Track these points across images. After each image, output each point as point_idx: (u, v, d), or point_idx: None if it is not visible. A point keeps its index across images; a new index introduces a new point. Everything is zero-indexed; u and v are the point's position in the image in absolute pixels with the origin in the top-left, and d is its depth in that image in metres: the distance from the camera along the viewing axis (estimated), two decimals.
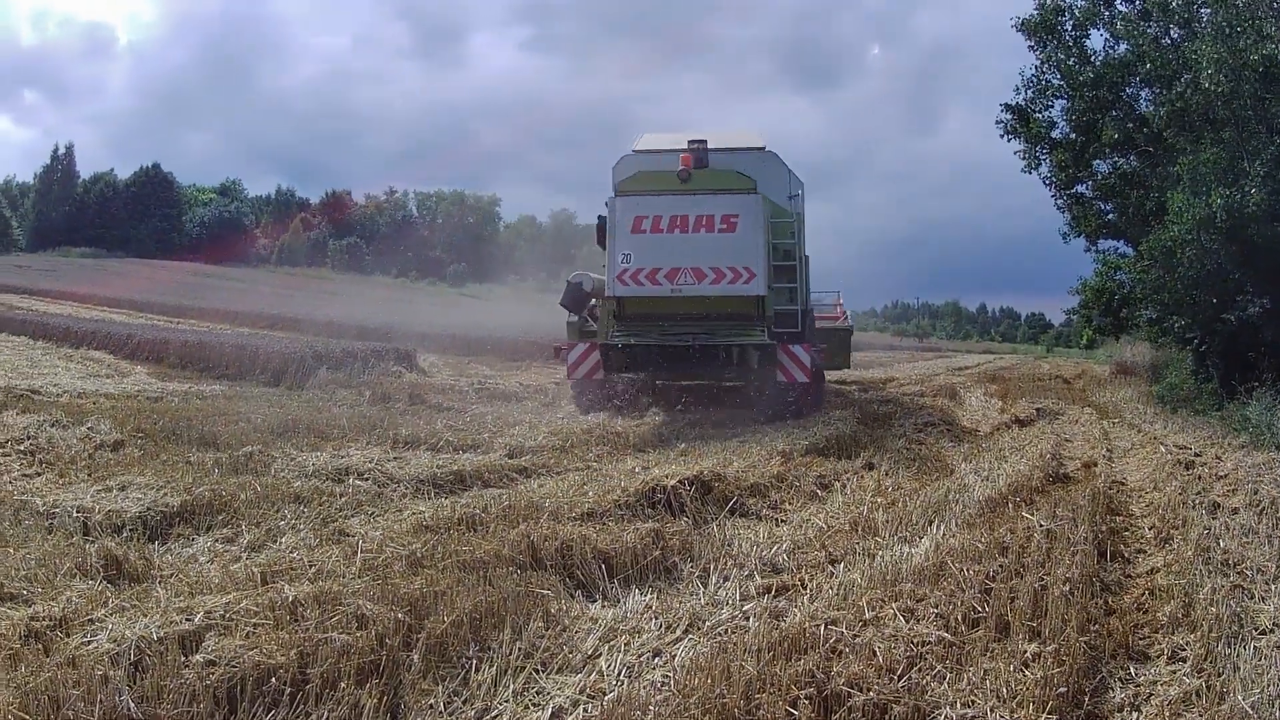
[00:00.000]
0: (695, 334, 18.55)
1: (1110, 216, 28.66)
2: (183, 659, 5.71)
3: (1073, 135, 27.74)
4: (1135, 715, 5.91)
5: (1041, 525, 9.30)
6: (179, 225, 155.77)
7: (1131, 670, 6.48)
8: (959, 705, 5.56)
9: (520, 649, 6.33)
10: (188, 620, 6.20)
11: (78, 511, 9.29)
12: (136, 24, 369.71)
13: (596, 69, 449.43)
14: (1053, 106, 28.15)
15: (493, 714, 5.69)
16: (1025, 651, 6.22)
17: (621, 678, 6.10)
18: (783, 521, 10.55)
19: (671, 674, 6.03)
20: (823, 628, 6.47)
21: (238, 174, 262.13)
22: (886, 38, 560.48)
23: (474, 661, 6.16)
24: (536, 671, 6.17)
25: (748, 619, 7.10)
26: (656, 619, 7.11)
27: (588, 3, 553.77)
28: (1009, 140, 28.92)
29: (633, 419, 17.13)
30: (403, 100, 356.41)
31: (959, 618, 6.77)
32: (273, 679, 5.64)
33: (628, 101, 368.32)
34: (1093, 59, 26.56)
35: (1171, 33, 24.86)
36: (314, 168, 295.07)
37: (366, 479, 11.42)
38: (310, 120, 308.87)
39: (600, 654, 6.46)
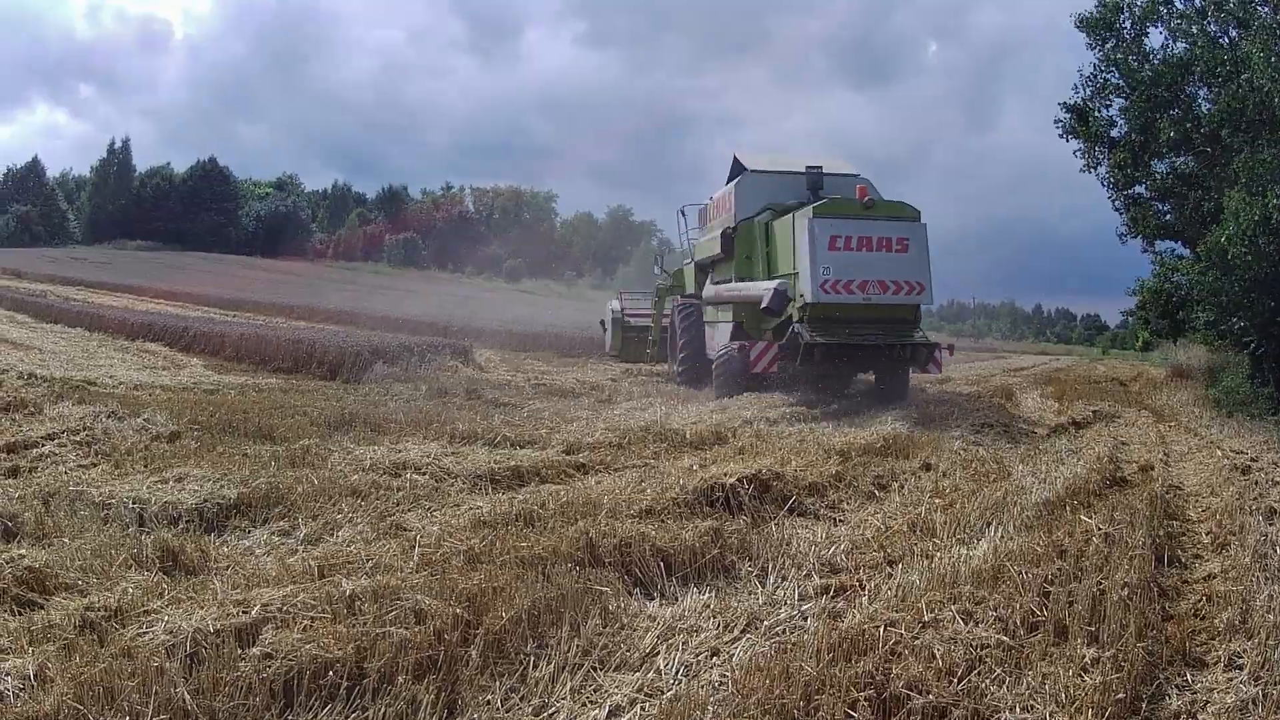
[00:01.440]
0: (875, 334, 21.46)
1: (1168, 217, 28.34)
2: (239, 651, 5.75)
3: (1131, 134, 27.38)
4: None
5: (1099, 529, 9.23)
6: (235, 219, 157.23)
7: (1188, 677, 6.42)
8: (1018, 710, 5.54)
9: (578, 646, 6.33)
10: (244, 613, 6.25)
11: (134, 502, 9.31)
12: (192, 18, 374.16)
13: (651, 64, 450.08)
14: (1111, 105, 27.90)
15: (550, 711, 5.68)
16: (1084, 656, 6.19)
17: (679, 677, 6.08)
18: (841, 521, 10.49)
19: (730, 674, 6.01)
20: (882, 629, 6.45)
21: (294, 168, 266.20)
22: (944, 34, 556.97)
23: (532, 658, 6.15)
24: (594, 669, 6.16)
25: (806, 619, 7.08)
26: (715, 618, 7.08)
27: None
28: (1068, 139, 28.70)
29: (690, 417, 17.19)
30: (458, 95, 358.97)
31: (1018, 621, 6.74)
32: (329, 673, 5.65)
33: (683, 96, 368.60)
34: (1151, 57, 26.31)
35: (1230, 31, 24.64)
36: (370, 163, 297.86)
37: (424, 473, 11.44)
38: (366, 115, 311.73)
39: (658, 652, 6.43)
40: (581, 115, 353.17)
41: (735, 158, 27.29)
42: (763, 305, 21.85)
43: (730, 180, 26.80)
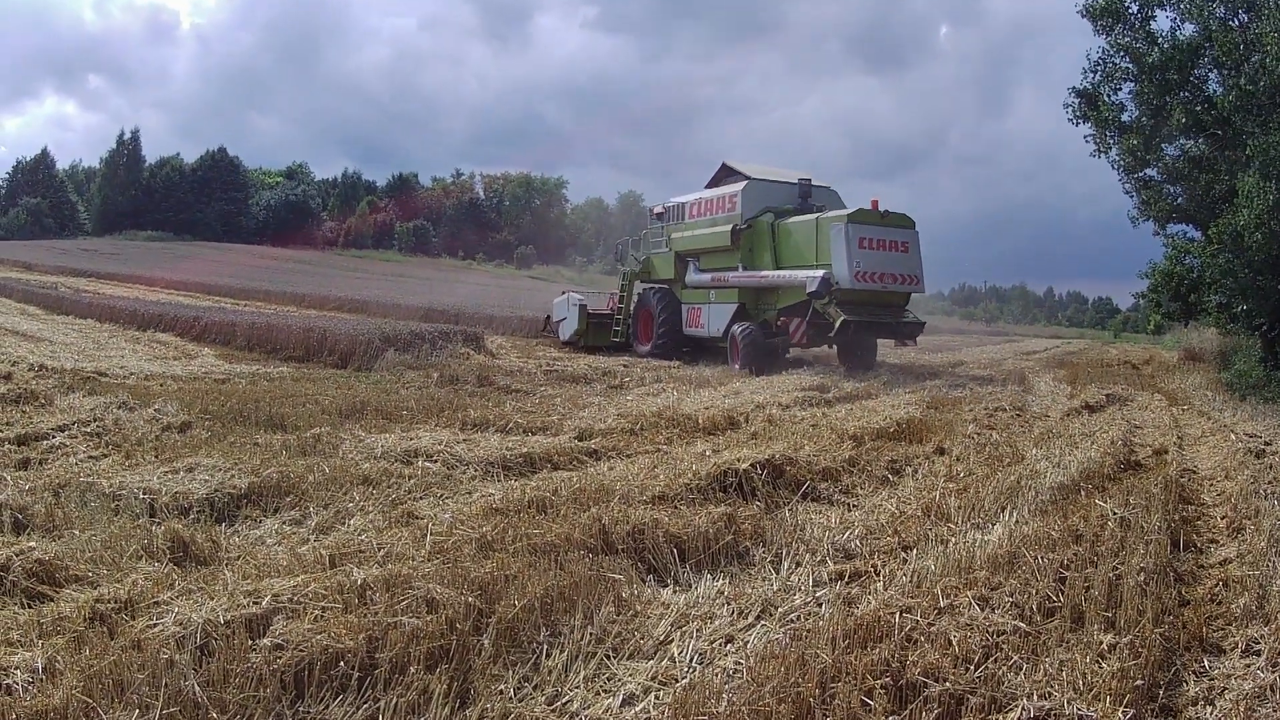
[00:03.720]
0: (887, 314, 27.52)
1: (1179, 200, 28.29)
2: (250, 642, 5.68)
3: (1142, 119, 27.27)
4: (1210, 709, 5.79)
5: (1114, 513, 9.17)
6: (245, 209, 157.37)
7: (1205, 663, 6.37)
8: (1035, 697, 5.46)
9: (591, 634, 6.29)
10: (255, 603, 6.18)
11: (144, 493, 9.29)
12: (200, 8, 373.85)
13: (663, 50, 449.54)
14: (1121, 90, 27.82)
15: (564, 700, 5.63)
16: (1101, 642, 6.11)
17: (693, 665, 6.04)
18: (855, 507, 10.46)
19: (744, 661, 5.97)
20: (897, 616, 6.39)
21: (304, 157, 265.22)
22: (956, 17, 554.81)
23: (545, 646, 6.11)
24: (608, 657, 6.12)
25: (821, 606, 7.03)
26: (729, 605, 7.05)
27: None
28: (1078, 124, 28.61)
29: (703, 403, 17.20)
30: (469, 82, 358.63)
31: (1034, 607, 6.69)
32: (341, 663, 5.60)
33: (695, 83, 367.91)
34: (1160, 41, 26.17)
35: (1240, 15, 24.48)
36: (381, 151, 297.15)
37: (435, 461, 11.44)
38: (377, 103, 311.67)
39: (672, 640, 6.39)
40: (595, 101, 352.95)
41: (724, 164, 33.57)
42: (809, 290, 26.79)
43: (714, 183, 33.37)
